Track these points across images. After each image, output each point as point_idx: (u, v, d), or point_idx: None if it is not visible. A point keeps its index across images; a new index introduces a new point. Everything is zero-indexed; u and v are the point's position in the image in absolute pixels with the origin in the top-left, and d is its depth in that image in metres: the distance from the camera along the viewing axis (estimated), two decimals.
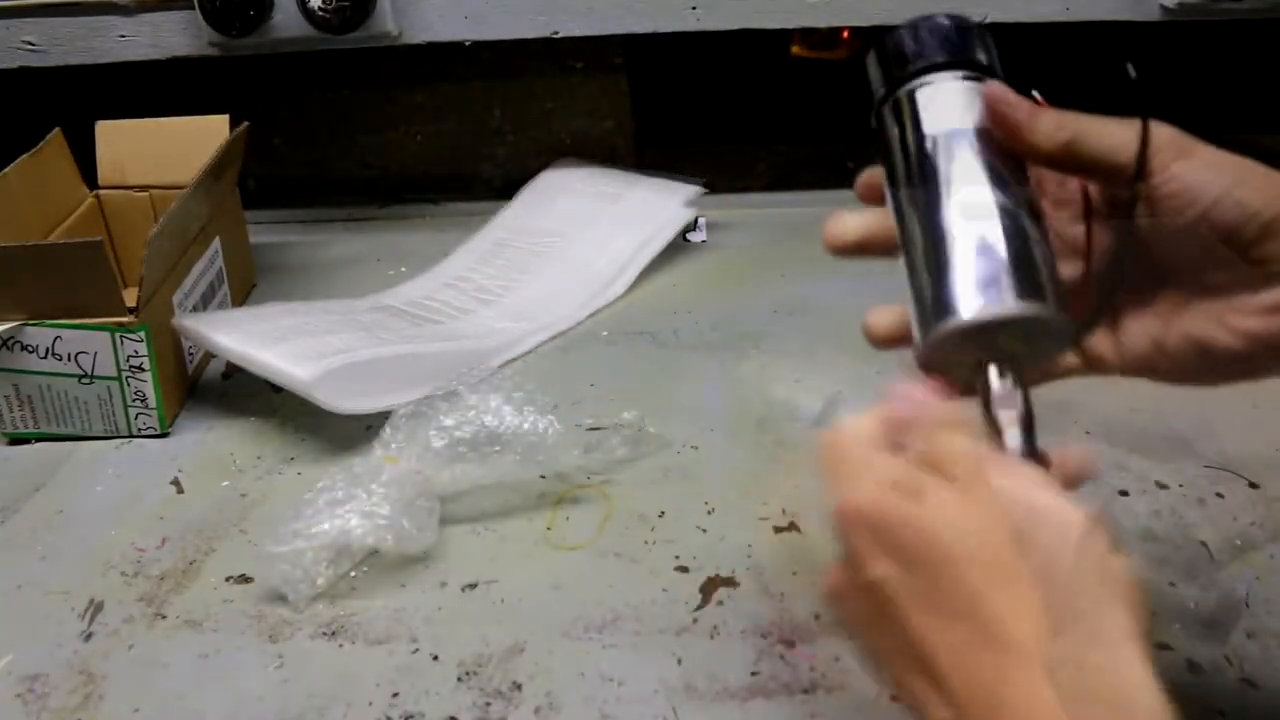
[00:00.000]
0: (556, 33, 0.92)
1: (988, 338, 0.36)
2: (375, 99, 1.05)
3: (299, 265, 0.95)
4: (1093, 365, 0.41)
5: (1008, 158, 0.38)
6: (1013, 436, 0.35)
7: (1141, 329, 0.39)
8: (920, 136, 0.39)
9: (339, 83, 1.04)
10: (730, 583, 0.55)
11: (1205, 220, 0.35)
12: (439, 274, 0.89)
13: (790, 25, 0.88)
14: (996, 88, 0.37)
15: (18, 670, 0.52)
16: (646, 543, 0.58)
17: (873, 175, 0.41)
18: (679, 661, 0.51)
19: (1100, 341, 0.40)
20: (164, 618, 0.55)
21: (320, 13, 0.88)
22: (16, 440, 0.71)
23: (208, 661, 0.52)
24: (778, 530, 0.59)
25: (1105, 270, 0.39)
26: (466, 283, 0.88)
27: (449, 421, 0.59)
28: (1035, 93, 0.38)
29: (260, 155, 1.03)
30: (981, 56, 0.40)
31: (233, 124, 0.84)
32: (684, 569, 0.56)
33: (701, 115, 1.18)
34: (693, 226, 0.94)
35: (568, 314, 0.83)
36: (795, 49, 1.06)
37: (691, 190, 0.93)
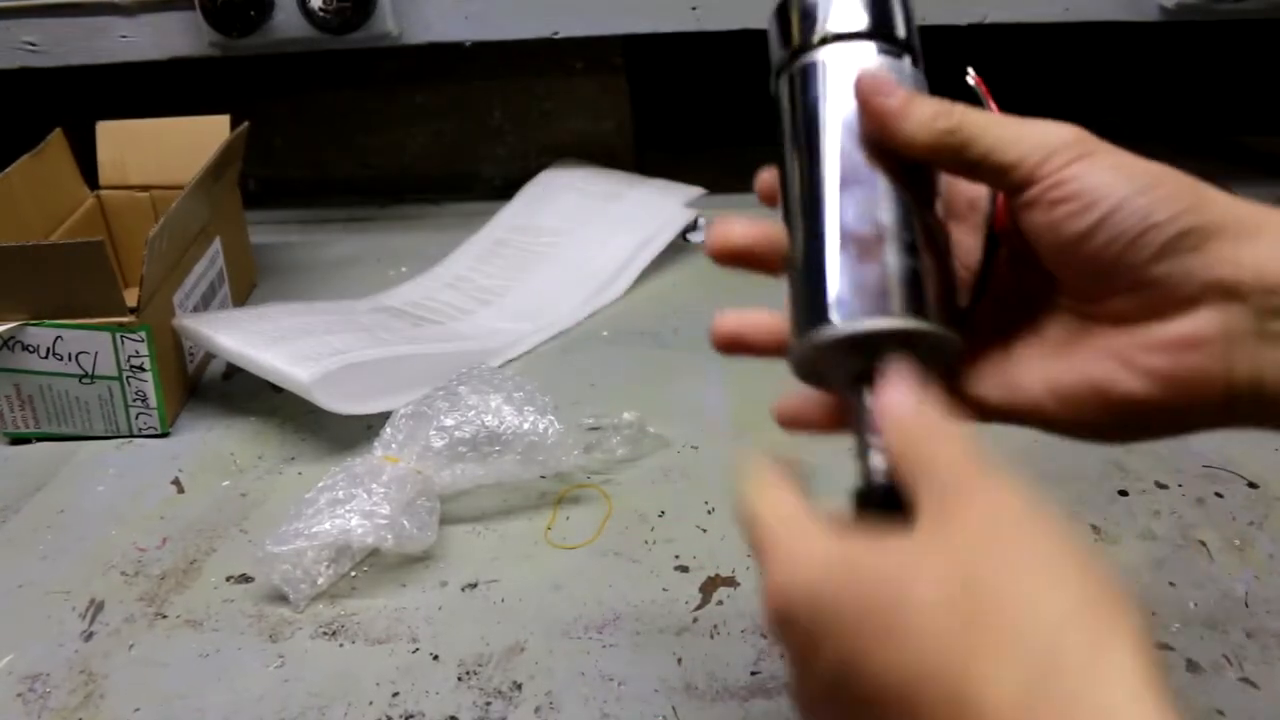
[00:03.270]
0: (556, 33, 0.92)
1: (865, 351, 0.32)
2: (375, 99, 1.05)
3: (299, 265, 0.95)
4: (968, 407, 0.35)
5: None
6: (877, 468, 0.30)
7: (1034, 367, 0.34)
8: (814, 117, 0.34)
9: (339, 83, 1.04)
10: (730, 582, 0.55)
11: (1102, 229, 0.30)
12: (439, 274, 0.89)
13: None
14: (867, 74, 0.32)
15: (18, 670, 0.52)
16: (646, 542, 0.59)
17: (775, 174, 0.36)
18: (679, 661, 0.51)
19: (983, 379, 0.34)
20: (164, 617, 0.55)
21: (321, 13, 0.88)
22: (17, 440, 0.71)
23: (208, 661, 0.52)
24: None
25: (972, 283, 0.35)
26: (466, 283, 0.88)
27: (449, 421, 0.59)
28: (971, 71, 0.34)
29: (260, 155, 1.04)
30: (900, 29, 0.35)
31: (233, 124, 0.84)
32: (684, 569, 0.57)
33: (701, 116, 1.18)
34: (693, 226, 0.94)
35: (568, 314, 0.83)
36: None
37: (692, 191, 0.93)
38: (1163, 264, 0.30)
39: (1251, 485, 0.60)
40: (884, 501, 0.29)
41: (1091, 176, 0.30)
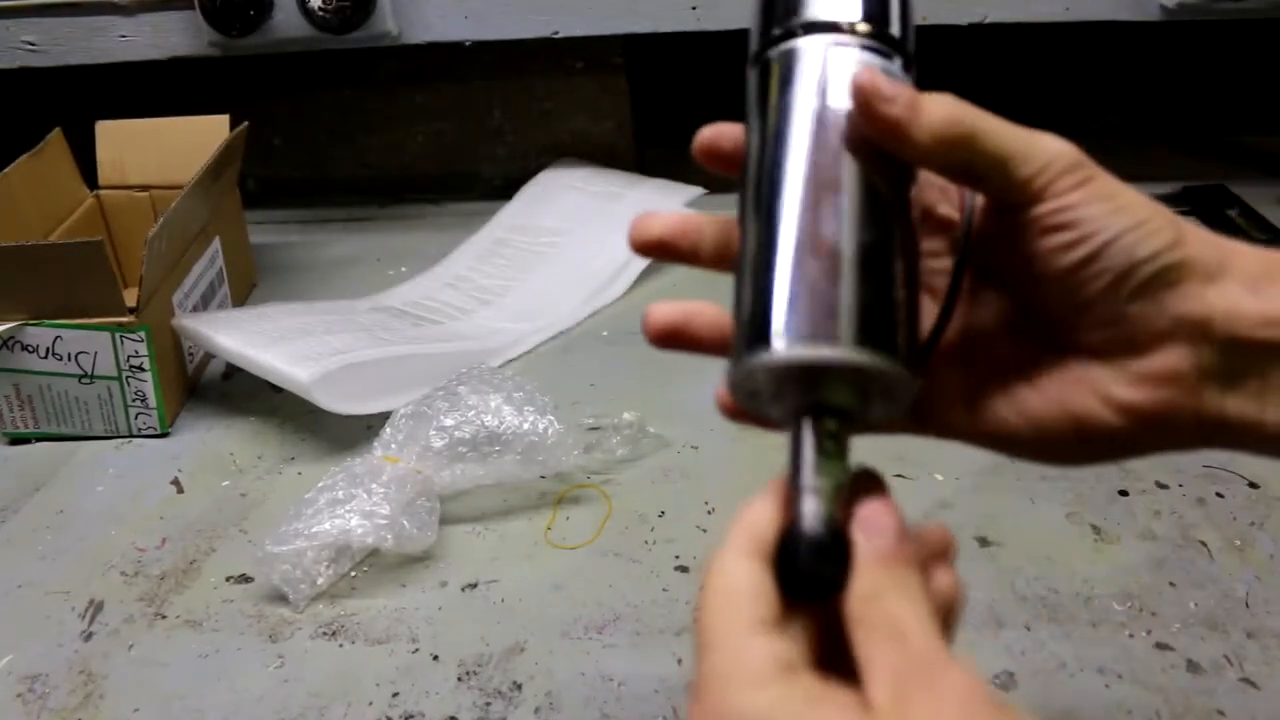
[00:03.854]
0: (556, 33, 0.92)
1: (810, 382, 0.28)
2: (375, 99, 1.05)
3: (299, 265, 0.95)
4: (932, 429, 0.34)
5: (892, 161, 0.30)
6: (810, 512, 0.27)
7: (1004, 393, 0.32)
8: (784, 112, 0.31)
9: (339, 83, 1.04)
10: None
11: (1092, 264, 0.29)
12: (439, 274, 0.89)
13: None
14: (867, 75, 0.29)
15: (18, 670, 0.52)
16: (646, 543, 0.59)
17: (718, 132, 0.34)
18: (679, 661, 0.51)
19: (948, 400, 0.33)
20: (164, 617, 0.55)
21: (320, 13, 0.88)
22: (17, 440, 0.71)
23: (208, 661, 0.52)
24: None
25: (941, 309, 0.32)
26: (466, 283, 0.88)
27: (449, 421, 0.59)
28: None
29: (260, 155, 1.04)
30: (895, 28, 0.32)
31: (233, 124, 0.84)
32: (684, 569, 0.57)
33: (701, 116, 1.18)
34: None
35: (568, 314, 0.83)
36: None
37: (692, 190, 0.93)
38: (1141, 300, 0.30)
39: (1252, 485, 0.60)
40: (817, 554, 0.27)
41: (1089, 206, 0.29)
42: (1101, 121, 1.11)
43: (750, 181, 0.31)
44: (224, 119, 0.84)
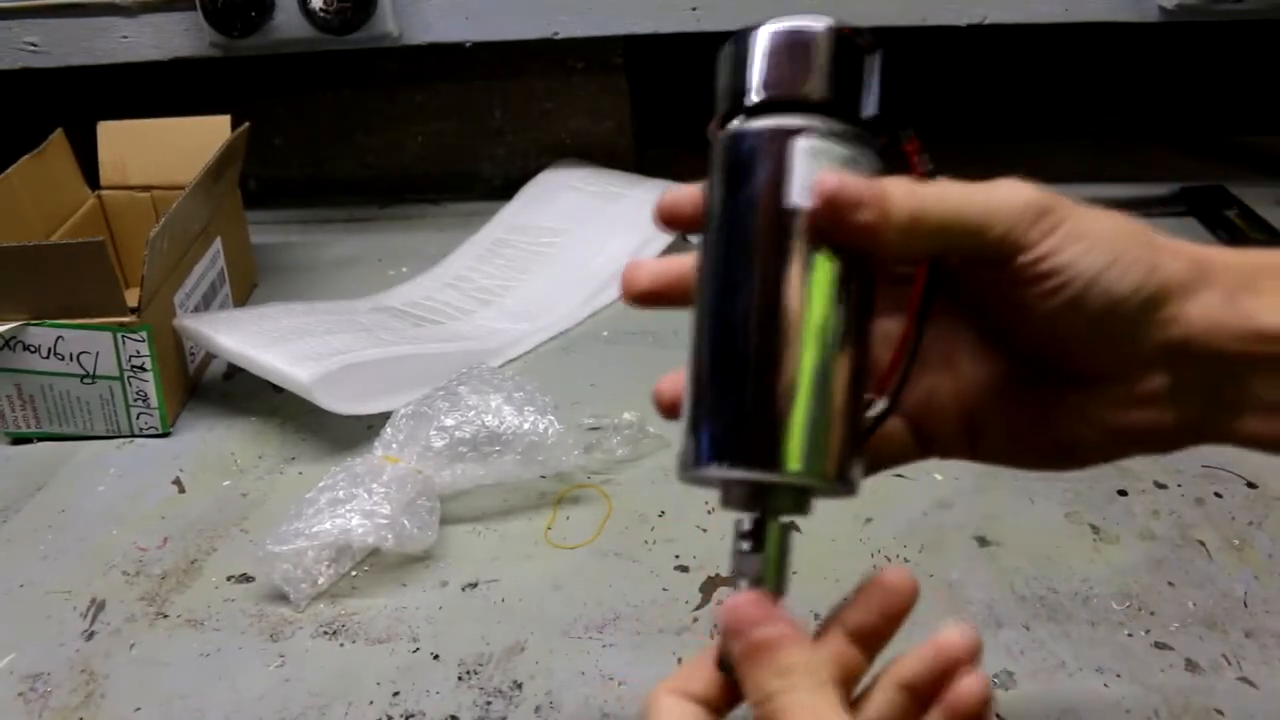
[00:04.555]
0: (556, 33, 0.92)
1: (752, 491, 0.30)
2: (376, 99, 1.05)
3: (300, 265, 0.95)
4: (934, 456, 0.35)
5: (852, 257, 0.29)
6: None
7: (997, 424, 0.34)
8: (741, 204, 0.30)
9: (340, 83, 1.05)
10: (730, 582, 0.55)
11: (1074, 308, 0.29)
12: (439, 274, 0.89)
13: None
14: (834, 179, 0.28)
15: (19, 669, 0.52)
16: (646, 542, 0.59)
17: (675, 199, 0.33)
18: (679, 661, 0.51)
19: (948, 438, 0.34)
20: (165, 617, 0.56)
21: (321, 13, 0.88)
22: (18, 440, 0.71)
23: (209, 660, 0.53)
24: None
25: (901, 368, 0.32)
26: (466, 283, 0.88)
27: (449, 421, 0.59)
28: (910, 132, 0.31)
29: (261, 155, 1.04)
30: (867, 104, 0.30)
31: (234, 124, 0.84)
32: (684, 568, 0.57)
33: (702, 116, 1.18)
34: None
35: (568, 314, 0.83)
36: None
37: None
38: (1123, 335, 0.30)
39: (1250, 485, 0.60)
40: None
41: (1065, 252, 0.29)
42: (1101, 121, 1.11)
43: (705, 271, 0.31)
44: (225, 119, 0.84)
